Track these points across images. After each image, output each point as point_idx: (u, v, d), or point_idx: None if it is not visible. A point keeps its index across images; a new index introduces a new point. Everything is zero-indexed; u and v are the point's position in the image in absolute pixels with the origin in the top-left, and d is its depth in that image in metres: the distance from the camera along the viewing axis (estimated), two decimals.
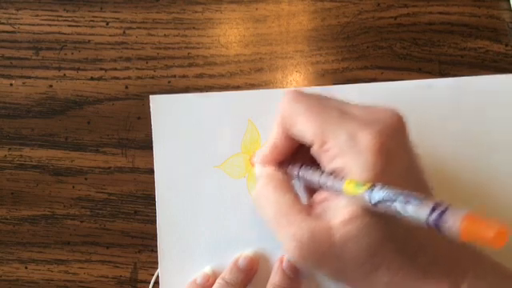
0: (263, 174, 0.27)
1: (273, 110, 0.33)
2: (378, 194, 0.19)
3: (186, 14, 0.36)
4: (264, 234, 0.32)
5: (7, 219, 0.34)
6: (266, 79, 0.35)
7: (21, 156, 0.35)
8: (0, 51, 0.36)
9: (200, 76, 0.35)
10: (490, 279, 0.22)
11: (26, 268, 0.34)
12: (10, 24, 0.36)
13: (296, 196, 0.25)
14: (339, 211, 0.22)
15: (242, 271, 0.31)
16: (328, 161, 0.23)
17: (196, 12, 0.36)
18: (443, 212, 0.17)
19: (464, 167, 0.32)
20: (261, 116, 0.33)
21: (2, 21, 0.36)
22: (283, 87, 0.35)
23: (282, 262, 0.31)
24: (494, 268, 0.23)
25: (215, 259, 0.32)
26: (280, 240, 0.24)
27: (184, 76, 0.35)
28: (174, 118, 0.33)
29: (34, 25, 0.36)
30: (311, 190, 0.26)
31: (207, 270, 0.32)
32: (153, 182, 0.33)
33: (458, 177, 0.32)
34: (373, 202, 0.20)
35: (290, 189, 0.25)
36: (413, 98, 0.33)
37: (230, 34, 0.36)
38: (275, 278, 0.30)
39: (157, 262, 0.32)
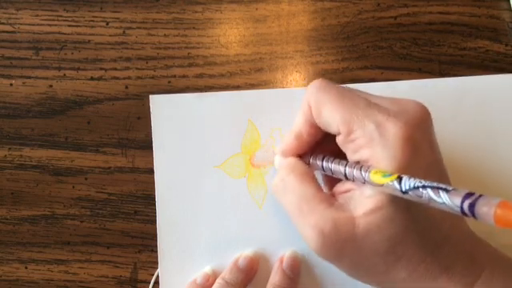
0: (285, 163, 0.27)
1: (273, 110, 0.33)
2: (409, 182, 0.19)
3: (186, 14, 0.36)
4: (264, 234, 0.32)
5: (7, 219, 0.34)
6: (266, 79, 0.35)
7: (21, 156, 0.35)
8: (0, 51, 0.36)
9: (200, 76, 0.35)
10: (504, 278, 0.22)
11: (26, 268, 0.34)
12: (10, 24, 0.36)
13: (319, 186, 0.25)
14: (363, 201, 0.22)
15: (242, 271, 0.31)
16: (354, 150, 0.23)
17: (196, 12, 0.36)
18: (477, 199, 0.17)
19: (464, 167, 0.32)
20: (261, 116, 0.33)
21: (2, 21, 0.36)
22: (283, 87, 0.35)
23: (281, 262, 0.31)
24: (510, 266, 0.23)
25: (215, 259, 0.32)
26: (300, 229, 0.23)
27: (184, 76, 0.35)
28: (174, 118, 0.33)
29: (33, 25, 0.36)
30: (331, 182, 0.26)
31: (207, 269, 0.32)
32: (153, 182, 0.33)
33: (458, 177, 0.32)
34: (403, 189, 0.19)
35: (313, 179, 0.25)
36: (413, 98, 0.33)
37: (229, 34, 0.36)
38: (275, 277, 0.30)
39: (157, 262, 0.32)
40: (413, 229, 0.22)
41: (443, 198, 0.18)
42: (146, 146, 0.34)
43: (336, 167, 0.24)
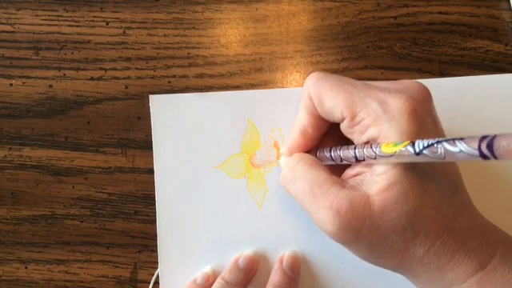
0: (292, 157, 0.27)
1: (273, 110, 0.33)
2: (422, 142, 0.19)
3: (186, 14, 0.36)
4: (264, 234, 0.32)
5: (7, 219, 0.34)
6: (266, 79, 0.35)
7: (21, 156, 0.35)
8: (0, 51, 0.36)
9: (200, 76, 0.35)
10: None
11: (26, 268, 0.34)
12: (10, 24, 0.36)
13: (329, 171, 0.25)
14: (375, 180, 0.22)
15: (241, 271, 0.31)
16: (361, 132, 0.23)
17: (196, 12, 0.36)
18: (493, 138, 0.16)
19: (464, 167, 0.32)
20: (261, 116, 0.33)
21: (2, 21, 0.36)
22: (283, 87, 0.35)
23: (282, 261, 0.31)
24: None
25: (215, 259, 0.32)
26: (315, 214, 0.23)
27: (184, 76, 0.35)
28: (174, 117, 0.33)
29: (34, 25, 0.36)
30: (337, 172, 0.26)
31: (207, 269, 0.32)
32: (153, 182, 0.33)
33: None
34: (417, 150, 0.19)
35: (322, 165, 0.26)
36: None
37: (229, 34, 0.36)
38: (275, 277, 0.30)
39: (157, 262, 0.32)
40: (428, 202, 0.22)
41: (460, 147, 0.18)
42: (146, 146, 0.34)
43: (345, 152, 0.24)
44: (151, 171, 0.33)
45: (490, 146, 0.16)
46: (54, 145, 0.35)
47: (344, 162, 0.25)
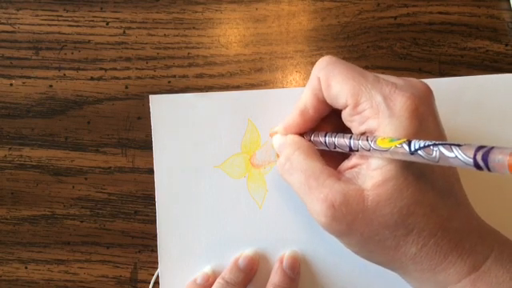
0: (288, 141, 0.27)
1: (273, 110, 0.33)
2: (419, 142, 0.19)
3: (186, 14, 0.36)
4: (264, 234, 0.32)
5: (7, 219, 0.34)
6: (266, 79, 0.35)
7: (21, 156, 0.35)
8: (0, 51, 0.36)
9: (200, 76, 0.35)
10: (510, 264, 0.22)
11: (26, 268, 0.34)
12: (10, 24, 0.36)
13: (324, 162, 0.25)
14: (370, 174, 0.22)
15: (242, 271, 0.31)
16: (360, 122, 0.23)
17: (196, 12, 0.36)
18: (490, 149, 0.16)
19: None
20: (261, 116, 0.33)
21: (2, 21, 0.36)
22: (283, 87, 0.35)
23: (282, 261, 0.31)
24: None
25: (215, 259, 0.32)
26: (310, 206, 0.23)
27: (184, 76, 0.35)
28: (174, 117, 0.33)
29: (34, 25, 0.36)
30: (333, 163, 0.26)
31: (207, 269, 0.32)
32: (153, 182, 0.33)
33: None
34: (412, 149, 0.19)
35: (318, 154, 0.26)
36: None
37: (229, 34, 0.36)
38: (275, 277, 0.30)
39: (157, 262, 0.32)
40: (422, 201, 0.22)
41: (455, 153, 0.18)
42: (146, 146, 0.34)
43: (340, 140, 0.25)
44: (151, 171, 0.33)
45: (485, 158, 0.16)
46: (54, 145, 0.35)
47: (337, 150, 0.25)
